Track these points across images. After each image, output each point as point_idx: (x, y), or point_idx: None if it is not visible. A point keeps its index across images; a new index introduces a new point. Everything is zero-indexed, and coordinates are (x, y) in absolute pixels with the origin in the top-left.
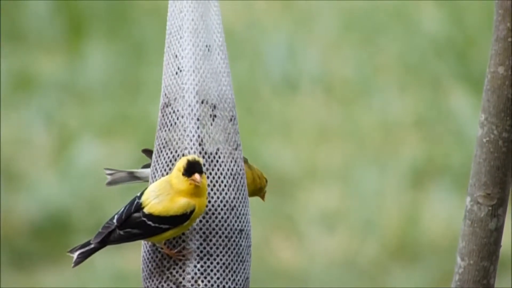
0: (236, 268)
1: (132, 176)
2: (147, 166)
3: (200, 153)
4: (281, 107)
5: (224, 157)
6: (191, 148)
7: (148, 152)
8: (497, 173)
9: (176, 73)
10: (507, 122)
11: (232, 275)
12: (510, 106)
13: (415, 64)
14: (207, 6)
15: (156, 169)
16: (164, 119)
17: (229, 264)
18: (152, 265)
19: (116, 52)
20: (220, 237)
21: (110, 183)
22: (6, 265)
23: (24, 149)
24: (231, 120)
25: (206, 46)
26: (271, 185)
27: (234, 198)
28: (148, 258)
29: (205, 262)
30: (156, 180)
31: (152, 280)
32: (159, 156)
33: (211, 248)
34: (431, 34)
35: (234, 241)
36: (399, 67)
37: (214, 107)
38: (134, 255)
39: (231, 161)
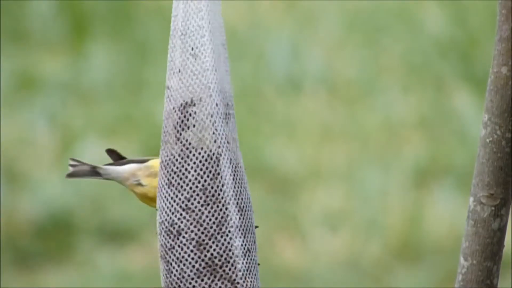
0: (258, 265)
1: (94, 172)
2: (110, 165)
3: (229, 151)
4: (285, 107)
5: (238, 155)
6: (224, 147)
7: (112, 153)
8: (500, 173)
9: (199, 73)
10: (510, 122)
11: (257, 273)
12: None
13: (418, 64)
14: (217, 5)
15: (186, 169)
16: (187, 120)
17: (257, 261)
18: (200, 265)
19: (119, 52)
20: (252, 234)
21: (70, 175)
22: (9, 265)
23: (27, 149)
24: (233, 118)
25: (220, 45)
26: (274, 185)
27: (250, 195)
28: (193, 258)
29: (247, 259)
30: (192, 179)
31: (202, 280)
32: (188, 157)
33: (249, 245)
34: (434, 35)
35: (256, 238)
36: (402, 68)
37: (228, 105)
38: (138, 255)
39: (241, 159)
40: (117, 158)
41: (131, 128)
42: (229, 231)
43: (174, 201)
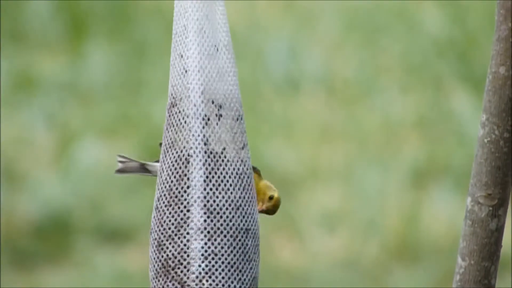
0: (242, 267)
1: (143, 168)
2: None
3: (205, 152)
4: (283, 107)
5: (230, 156)
6: (196, 148)
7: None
8: (498, 173)
9: (182, 73)
10: (508, 122)
11: (238, 275)
12: (511, 106)
13: (417, 64)
14: (213, 6)
15: (162, 169)
16: (171, 119)
17: (234, 263)
18: (158, 265)
19: (118, 52)
20: (225, 236)
21: (120, 171)
22: (7, 265)
23: (26, 149)
24: (237, 119)
25: (213, 45)
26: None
27: (240, 197)
28: (154, 258)
29: (209, 262)
30: (164, 179)
31: (158, 280)
32: (165, 156)
33: (215, 247)
34: (433, 35)
35: (239, 240)
36: (401, 68)
37: (220, 106)
38: (137, 255)
39: (238, 161)
40: None
41: (129, 128)
42: (188, 233)
43: (153, 200)
